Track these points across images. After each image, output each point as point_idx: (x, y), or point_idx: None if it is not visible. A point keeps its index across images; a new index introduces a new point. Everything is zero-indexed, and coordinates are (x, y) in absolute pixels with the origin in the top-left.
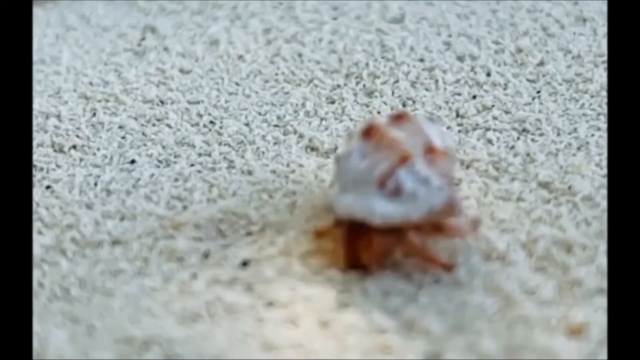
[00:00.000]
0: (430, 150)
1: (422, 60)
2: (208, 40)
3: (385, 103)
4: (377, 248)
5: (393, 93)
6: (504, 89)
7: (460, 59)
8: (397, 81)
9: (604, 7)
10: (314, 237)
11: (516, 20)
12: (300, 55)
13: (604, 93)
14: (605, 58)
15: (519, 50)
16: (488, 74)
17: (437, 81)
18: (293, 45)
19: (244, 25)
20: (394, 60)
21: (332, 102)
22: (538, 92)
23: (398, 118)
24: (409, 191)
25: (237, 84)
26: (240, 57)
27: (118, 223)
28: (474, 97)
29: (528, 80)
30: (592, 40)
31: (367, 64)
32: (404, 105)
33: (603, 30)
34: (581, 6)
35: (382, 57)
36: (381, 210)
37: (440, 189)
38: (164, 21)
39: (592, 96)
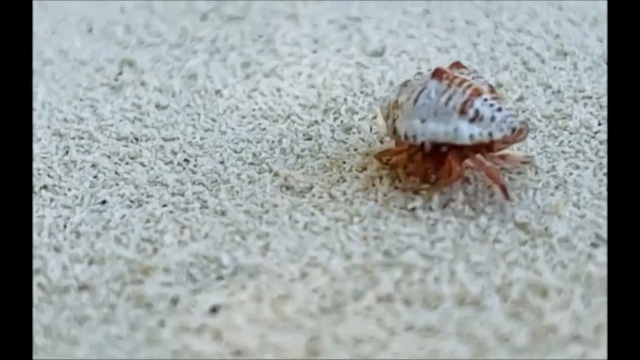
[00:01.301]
0: (492, 90)
1: None
2: (186, 74)
3: (362, 140)
4: (454, 166)
5: (371, 129)
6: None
7: None
8: (375, 117)
9: (585, 40)
10: (381, 164)
11: (496, 54)
12: (278, 89)
13: (583, 130)
14: (585, 93)
15: (499, 85)
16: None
17: None
18: (272, 80)
19: (222, 59)
20: (372, 95)
21: (309, 139)
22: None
23: (457, 65)
24: (488, 115)
25: (213, 120)
26: (218, 91)
27: (86, 267)
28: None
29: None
30: (572, 75)
31: (345, 100)
32: (381, 142)
33: (584, 64)
34: (562, 39)
35: (361, 92)
36: (468, 131)
37: (512, 115)
38: (142, 54)
39: (571, 133)
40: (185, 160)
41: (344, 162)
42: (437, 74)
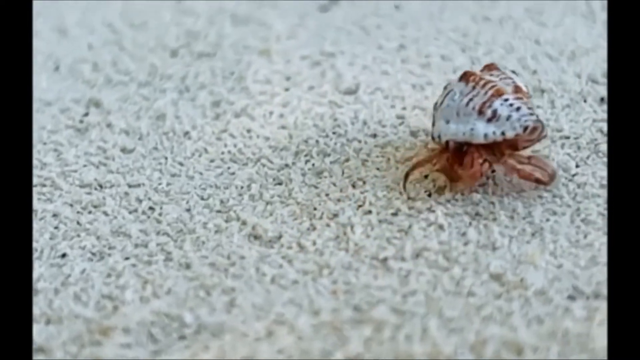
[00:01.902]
0: (517, 90)
1: (374, 135)
2: (154, 114)
3: (334, 184)
4: (473, 164)
5: (343, 173)
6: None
7: (414, 134)
8: (347, 159)
9: (563, 76)
10: (415, 167)
11: None
12: (249, 130)
13: (561, 172)
14: (563, 133)
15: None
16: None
17: (388, 159)
18: (242, 120)
19: (192, 98)
20: (345, 135)
21: (279, 183)
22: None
23: (489, 67)
24: (504, 115)
25: (180, 164)
26: (186, 133)
27: (43, 327)
28: (426, 176)
29: None
30: (549, 114)
31: (317, 141)
32: (353, 186)
33: (561, 102)
34: (540, 75)
35: (334, 133)
36: (483, 131)
37: (530, 113)
38: (110, 94)
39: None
40: (150, 208)
41: (315, 209)
42: (465, 76)
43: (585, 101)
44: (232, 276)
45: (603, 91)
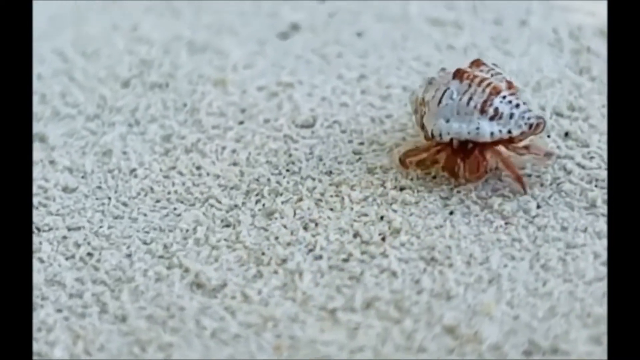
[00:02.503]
0: (510, 85)
1: (330, 173)
2: (100, 150)
3: (285, 226)
4: (479, 161)
5: (295, 214)
6: (415, 206)
7: (371, 171)
8: (300, 199)
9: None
10: (415, 165)
11: None
12: (198, 168)
13: (521, 214)
14: (524, 171)
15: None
16: (401, 189)
17: (343, 199)
18: (192, 156)
19: (142, 132)
20: (299, 173)
21: (227, 226)
22: (451, 212)
23: (477, 63)
24: (506, 113)
25: (124, 204)
26: (133, 171)
27: None
28: (382, 217)
29: (441, 197)
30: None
31: (269, 180)
32: (305, 228)
33: None
34: None
35: (287, 170)
36: (489, 129)
37: (529, 110)
38: (56, 128)
39: (506, 217)
40: (89, 254)
41: (263, 253)
42: (458, 74)
43: (548, 136)
44: (170, 330)
45: (567, 125)
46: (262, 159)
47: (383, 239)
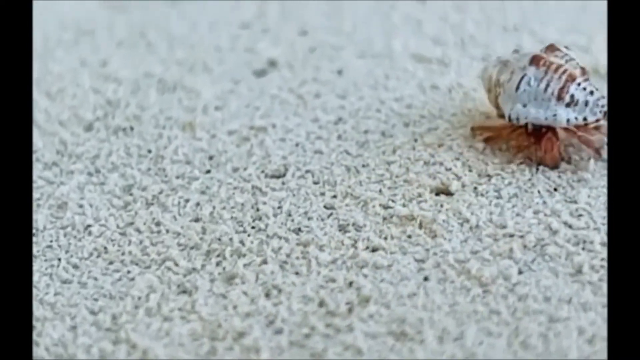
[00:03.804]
0: (583, 71)
1: (298, 230)
2: (55, 203)
3: (245, 293)
4: (553, 142)
5: (257, 278)
6: (387, 271)
7: (343, 228)
8: (264, 261)
9: (513, 159)
10: (484, 140)
11: (411, 177)
12: (158, 224)
13: (500, 281)
14: (507, 230)
15: (410, 218)
16: (373, 250)
17: (310, 262)
18: (152, 210)
19: (101, 182)
20: (265, 230)
21: (184, 292)
22: (425, 278)
23: (551, 48)
24: (582, 100)
25: (75, 266)
26: (88, 227)
27: None
28: (350, 284)
29: (416, 259)
30: (493, 205)
31: (231, 239)
32: (267, 295)
33: (508, 190)
34: (487, 157)
35: (253, 227)
36: (565, 116)
37: (603, 97)
38: None
39: (485, 285)
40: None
41: (219, 326)
42: (535, 60)
43: (537, 192)
44: None
45: (555, 178)
46: (226, 215)
47: (350, 310)
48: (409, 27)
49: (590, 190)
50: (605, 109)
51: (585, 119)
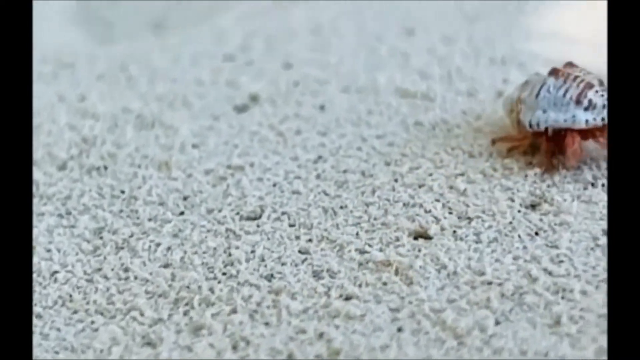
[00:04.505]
0: (601, 82)
1: (270, 277)
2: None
3: (212, 345)
4: (573, 137)
5: (225, 329)
6: (360, 321)
7: (317, 274)
8: (234, 310)
9: (494, 201)
10: (506, 151)
11: (389, 220)
12: (126, 270)
13: (476, 333)
14: (485, 277)
15: (387, 264)
16: (347, 298)
17: (280, 311)
18: (122, 255)
19: (72, 224)
20: (236, 277)
21: (148, 344)
22: (399, 329)
23: (570, 65)
24: (600, 104)
25: (38, 316)
26: (54, 274)
27: None
28: (321, 335)
29: (391, 309)
30: (472, 250)
31: (200, 287)
32: (234, 348)
33: (488, 234)
34: (469, 198)
35: (224, 274)
36: (584, 117)
37: None
38: None
39: (460, 337)
40: None
41: None
42: (554, 72)
43: (518, 236)
44: None
45: (537, 221)
46: (197, 260)
47: None
48: (395, 60)
49: (572, 234)
50: None
51: (603, 119)
